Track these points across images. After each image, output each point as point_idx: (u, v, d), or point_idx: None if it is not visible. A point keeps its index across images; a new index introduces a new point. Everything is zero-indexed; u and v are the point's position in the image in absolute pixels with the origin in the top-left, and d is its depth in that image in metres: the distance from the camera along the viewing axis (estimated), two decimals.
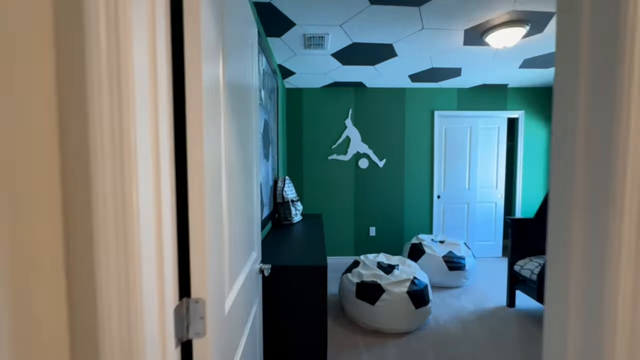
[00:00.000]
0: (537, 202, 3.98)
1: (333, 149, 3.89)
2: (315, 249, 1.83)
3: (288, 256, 1.67)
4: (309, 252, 1.76)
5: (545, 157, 3.95)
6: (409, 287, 2.29)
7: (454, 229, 4.02)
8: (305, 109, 3.86)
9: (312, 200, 3.92)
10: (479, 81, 3.60)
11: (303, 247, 1.85)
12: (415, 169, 3.93)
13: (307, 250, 1.80)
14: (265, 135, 2.12)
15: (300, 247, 1.85)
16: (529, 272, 2.45)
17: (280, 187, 2.55)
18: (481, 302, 2.81)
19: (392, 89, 3.86)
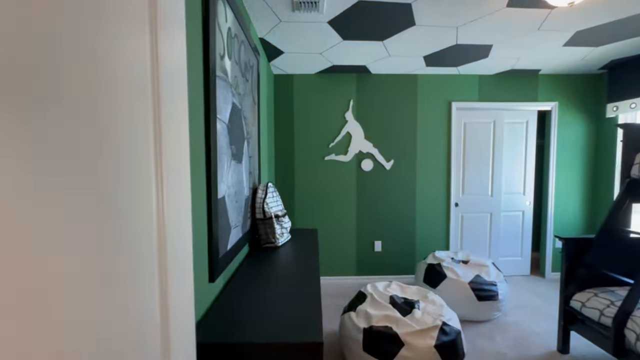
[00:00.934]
0: (572, 212, 3.36)
1: (331, 148, 3.24)
2: (305, 297, 1.18)
3: (258, 320, 1.02)
4: (295, 306, 1.11)
5: (583, 157, 3.33)
6: (438, 339, 1.65)
7: (474, 242, 3.39)
8: (297, 99, 3.21)
9: (305, 212, 3.27)
10: (507, 65, 2.97)
11: (286, 295, 1.20)
12: (429, 172, 3.29)
13: (293, 301, 1.15)
14: (234, 126, 1.48)
15: (282, 294, 1.20)
16: (597, 314, 1.81)
17: (260, 198, 1.90)
18: (522, 344, 2.17)
19: (401, 76, 3.22)
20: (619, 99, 3.00)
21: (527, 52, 2.60)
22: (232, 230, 1.44)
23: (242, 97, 1.66)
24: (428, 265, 2.74)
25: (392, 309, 1.89)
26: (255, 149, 2.05)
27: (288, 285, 1.30)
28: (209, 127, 1.11)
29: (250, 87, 1.89)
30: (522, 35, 2.25)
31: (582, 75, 3.27)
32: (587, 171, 3.34)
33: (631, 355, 1.63)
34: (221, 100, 1.27)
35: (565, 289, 2.03)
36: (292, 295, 1.19)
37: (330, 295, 2.99)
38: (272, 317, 1.03)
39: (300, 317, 1.03)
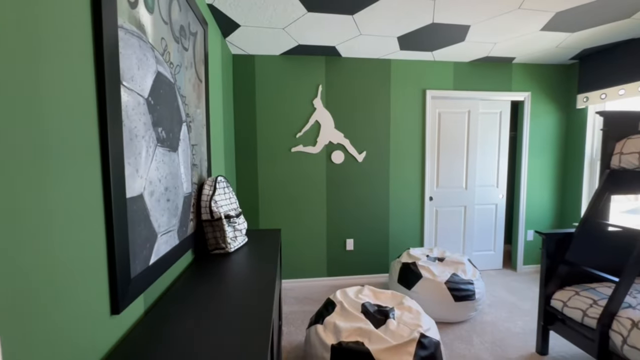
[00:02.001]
0: (543, 204, 3.33)
1: (298, 139, 2.94)
2: (250, 327, 0.89)
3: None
4: (233, 345, 0.82)
5: (553, 149, 3.30)
6: (415, 355, 1.43)
7: (448, 237, 3.27)
8: (260, 83, 2.87)
9: (270, 209, 2.96)
10: (483, 52, 2.82)
11: (226, 325, 0.90)
12: (403, 165, 3.10)
13: (233, 333, 0.86)
14: (162, 104, 1.14)
15: (222, 324, 0.91)
16: (580, 314, 1.69)
17: (207, 195, 1.57)
18: (501, 346, 2.04)
19: (374, 60, 2.98)
20: (589, 89, 2.97)
21: (504, 36, 2.45)
22: (159, 237, 1.11)
23: (176, 70, 1.32)
24: (403, 264, 2.55)
25: (364, 319, 1.65)
26: (201, 136, 1.71)
27: (233, 307, 1.00)
28: (104, 95, 0.78)
29: (191, 60, 1.54)
30: (502, 13, 2.08)
31: (554, 66, 3.22)
32: (558, 163, 3.32)
33: (615, 359, 1.51)
34: (133, 63, 0.93)
35: (545, 288, 1.90)
36: (233, 325, 0.90)
37: (298, 301, 2.72)
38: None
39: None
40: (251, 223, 2.94)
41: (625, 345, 1.46)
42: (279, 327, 1.76)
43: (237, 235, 1.66)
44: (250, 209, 2.93)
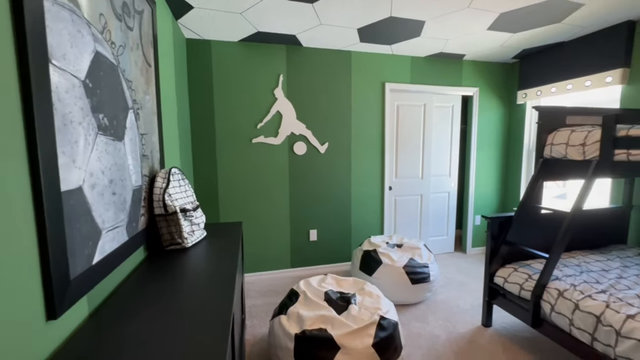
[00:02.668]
0: (489, 191, 3.64)
1: (259, 129, 2.87)
2: (205, 330, 0.86)
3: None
4: (188, 352, 0.78)
5: (498, 140, 3.60)
6: (375, 336, 1.50)
7: (406, 224, 3.44)
8: (218, 71, 2.73)
9: (231, 202, 2.87)
10: (437, 48, 2.97)
11: (180, 328, 0.86)
12: (364, 156, 3.18)
13: (187, 343, 0.82)
14: (102, 88, 1.03)
15: (173, 326, 0.86)
16: (518, 288, 1.89)
17: (159, 188, 1.47)
18: (452, 323, 2.22)
19: (335, 51, 2.98)
20: (527, 86, 3.27)
21: (455, 33, 2.59)
22: (104, 234, 1.02)
23: (119, 51, 1.20)
24: (364, 252, 2.64)
25: (327, 307, 1.68)
26: (152, 125, 1.59)
27: (190, 304, 0.96)
28: (28, 75, 0.68)
29: (137, 42, 1.41)
30: (454, 11, 2.19)
31: (499, 64, 3.49)
32: (501, 153, 3.64)
33: (546, 325, 1.72)
34: (64, 39, 0.82)
35: (490, 267, 2.09)
36: (190, 323, 0.86)
37: (261, 294, 2.69)
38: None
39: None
40: (211, 217, 2.83)
41: (553, 312, 1.67)
42: (242, 321, 1.73)
43: (195, 230, 1.59)
44: (209, 202, 2.82)
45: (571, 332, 1.57)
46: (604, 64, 2.54)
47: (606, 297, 1.54)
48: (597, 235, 2.37)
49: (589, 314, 1.49)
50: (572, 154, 1.84)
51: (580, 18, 2.32)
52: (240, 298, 1.77)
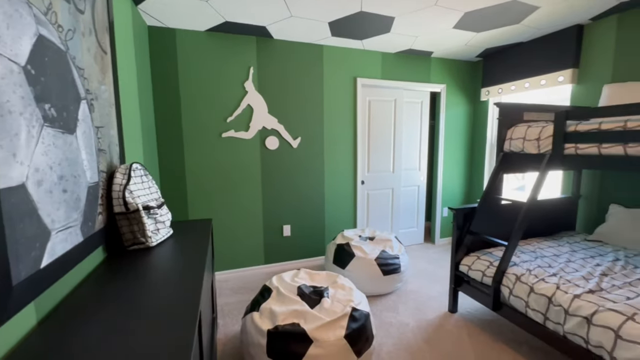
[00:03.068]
0: (456, 184, 3.81)
1: (230, 123, 2.78)
2: (169, 342, 0.83)
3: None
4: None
5: (463, 135, 3.77)
6: (348, 327, 1.52)
7: (379, 218, 3.52)
8: (183, 62, 2.60)
9: (201, 198, 2.77)
10: (407, 45, 3.03)
11: (143, 334, 0.82)
12: (336, 150, 3.19)
13: (149, 346, 0.78)
14: (48, 75, 0.94)
15: (139, 333, 0.82)
16: (480, 275, 2.00)
17: (119, 185, 1.38)
18: (422, 311, 2.31)
19: (307, 45, 2.95)
20: (490, 84, 3.44)
21: (424, 30, 2.66)
22: (53, 235, 0.94)
23: (68, 35, 1.10)
24: (337, 245, 2.67)
25: (300, 301, 1.68)
26: (109, 117, 1.48)
27: (153, 306, 0.91)
28: None
29: (90, 26, 1.30)
30: (422, 8, 2.24)
31: (464, 62, 3.64)
32: (467, 148, 3.82)
33: (505, 308, 1.84)
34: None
35: (455, 256, 2.20)
36: (153, 325, 0.82)
37: (234, 292, 2.64)
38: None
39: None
40: (179, 214, 2.72)
41: (511, 295, 1.79)
42: (212, 320, 1.69)
43: (160, 228, 1.51)
44: (177, 199, 2.70)
45: (527, 313, 1.69)
46: (556, 64, 2.73)
47: (557, 280, 1.67)
48: (550, 223, 2.57)
49: (542, 296, 1.62)
50: (528, 148, 1.96)
51: (536, 20, 2.47)
52: (211, 297, 1.72)
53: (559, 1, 2.15)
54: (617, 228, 2.25)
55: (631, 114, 1.46)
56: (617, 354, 1.28)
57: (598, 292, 1.54)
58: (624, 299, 1.45)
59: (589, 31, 2.54)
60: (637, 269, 1.79)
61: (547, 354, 1.81)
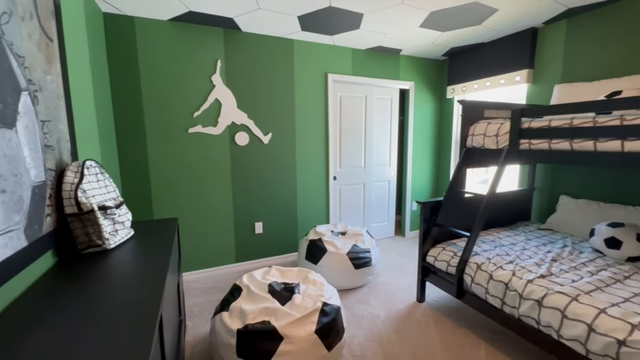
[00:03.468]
0: (424, 178, 3.95)
1: (196, 118, 2.68)
2: None
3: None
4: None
5: (431, 131, 3.90)
6: (318, 322, 1.53)
7: (351, 213, 3.57)
8: (144, 52, 2.46)
9: (165, 197, 2.65)
10: (376, 42, 3.07)
11: (95, 342, 0.77)
12: (308, 146, 3.18)
13: (101, 355, 0.73)
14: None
15: (90, 342, 0.77)
16: (445, 265, 2.10)
17: (71, 184, 1.28)
18: (392, 302, 2.38)
19: (277, 39, 2.90)
20: (455, 82, 3.59)
21: (392, 28, 2.71)
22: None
23: (3, 19, 0.99)
24: (310, 241, 2.68)
25: (271, 299, 1.67)
26: (57, 111, 1.36)
27: (108, 312, 0.86)
28: None
29: (31, 10, 1.18)
30: (389, 6, 2.27)
31: (431, 60, 3.75)
32: (434, 143, 3.96)
33: (468, 295, 1.95)
34: None
35: (423, 247, 2.28)
36: (108, 333, 0.77)
37: (204, 292, 2.57)
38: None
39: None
40: (143, 214, 2.59)
41: (473, 283, 1.89)
42: (179, 322, 1.63)
43: (118, 229, 1.43)
44: (141, 199, 2.57)
45: (487, 299, 1.80)
46: (514, 64, 2.90)
47: (513, 267, 1.79)
48: (508, 214, 2.74)
49: (499, 282, 1.72)
50: (488, 144, 2.07)
51: (495, 22, 2.60)
52: (177, 298, 1.66)
53: (515, 5, 2.28)
54: (565, 217, 2.45)
55: (577, 112, 1.59)
56: (563, 332, 1.40)
57: (548, 276, 1.67)
58: (569, 282, 1.58)
59: (542, 34, 2.72)
60: (581, 254, 1.96)
61: (505, 336, 1.94)
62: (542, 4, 2.27)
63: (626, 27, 2.19)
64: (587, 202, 2.38)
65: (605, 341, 1.25)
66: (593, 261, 1.85)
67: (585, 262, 1.83)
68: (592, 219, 2.28)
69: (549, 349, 1.48)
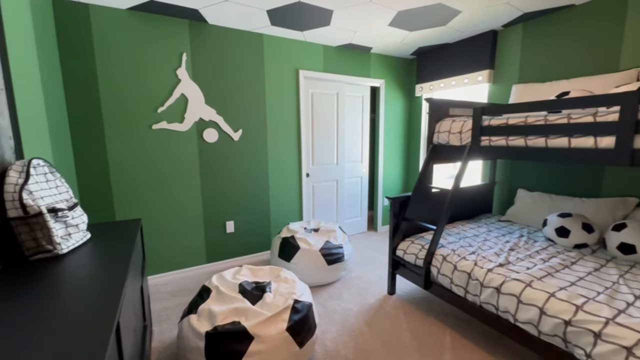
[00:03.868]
0: (395, 174, 4.05)
1: (161, 114, 2.55)
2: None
3: None
4: None
5: (401, 128, 4.01)
6: (289, 320, 1.53)
7: (324, 209, 3.59)
8: (101, 43, 2.30)
9: (129, 197, 2.51)
10: (347, 39, 3.09)
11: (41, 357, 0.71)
12: (280, 143, 3.15)
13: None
14: None
15: (36, 357, 0.71)
16: (414, 257, 2.17)
17: (14, 185, 1.17)
18: (364, 296, 2.43)
19: (246, 33, 2.82)
20: (423, 81, 3.71)
21: (362, 26, 2.74)
22: None
23: None
24: (282, 239, 2.66)
25: (241, 299, 1.64)
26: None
27: (57, 323, 0.80)
28: None
29: None
30: (359, 4, 2.29)
31: (401, 58, 3.84)
32: (404, 140, 4.08)
33: (434, 286, 2.03)
34: None
35: (393, 241, 2.35)
36: (55, 347, 0.72)
37: (173, 295, 2.47)
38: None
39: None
40: (104, 215, 2.44)
41: (439, 274, 1.97)
42: (143, 329, 1.56)
43: (72, 233, 1.33)
44: (100, 199, 2.41)
45: (452, 289, 1.89)
46: (476, 65, 3.04)
47: (475, 257, 1.89)
48: (472, 207, 2.89)
49: (463, 272, 1.81)
50: (452, 140, 2.16)
51: (459, 23, 2.71)
52: (141, 304, 1.58)
53: (476, 7, 2.38)
54: (522, 209, 2.63)
55: (530, 111, 1.69)
56: (519, 315, 1.50)
57: (506, 265, 1.78)
58: (524, 270, 1.70)
59: (502, 37, 2.87)
60: (536, 243, 2.11)
61: (469, 322, 2.05)
62: (500, 8, 2.39)
63: (575, 32, 2.37)
64: (541, 195, 2.56)
65: (554, 322, 1.36)
66: (545, 249, 2.00)
67: (539, 250, 1.97)
68: (545, 210, 2.46)
69: (506, 332, 1.58)
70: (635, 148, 1.31)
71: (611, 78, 2.11)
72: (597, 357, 1.21)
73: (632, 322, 1.20)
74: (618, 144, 1.34)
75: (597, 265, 1.74)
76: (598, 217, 2.14)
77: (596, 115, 1.41)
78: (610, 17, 2.18)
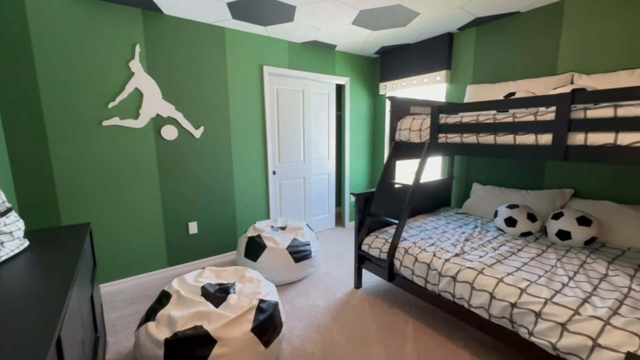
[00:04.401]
0: (361, 171, 4.14)
1: (112, 109, 2.37)
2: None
3: None
4: None
5: (366, 126, 4.10)
6: (254, 320, 1.51)
7: (292, 207, 3.58)
8: (39, 31, 2.07)
9: (76, 200, 2.31)
10: (311, 36, 3.08)
11: None
12: (245, 140, 3.07)
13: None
14: None
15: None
16: (378, 252, 2.24)
17: None
18: (332, 291, 2.46)
19: (206, 26, 2.71)
20: (386, 79, 3.81)
21: (326, 24, 2.74)
22: None
23: None
24: (249, 238, 2.61)
25: (204, 302, 1.58)
26: None
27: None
28: None
29: None
30: (321, 0, 2.29)
31: (365, 57, 3.92)
32: (369, 137, 4.17)
33: (398, 278, 2.11)
34: None
35: (358, 236, 2.40)
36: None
37: (130, 302, 2.33)
38: None
39: None
40: (48, 221, 2.22)
41: (401, 266, 2.05)
42: (95, 340, 1.45)
43: (5, 241, 1.20)
44: (43, 203, 2.19)
45: (413, 280, 1.97)
46: (435, 65, 3.19)
47: (434, 249, 1.99)
48: (432, 201, 3.04)
49: (423, 263, 1.90)
50: (413, 138, 2.25)
51: (418, 25, 2.81)
52: (91, 314, 1.47)
53: (433, 10, 2.49)
54: (477, 202, 2.81)
55: (481, 110, 1.81)
56: (473, 301, 1.61)
57: (461, 254, 1.89)
58: (477, 258, 1.82)
59: (457, 39, 3.03)
60: (488, 233, 2.27)
61: (430, 311, 2.16)
62: (455, 11, 2.52)
63: (520, 37, 2.57)
64: (493, 188, 2.76)
65: (502, 305, 1.47)
66: (496, 238, 2.16)
67: (490, 240, 2.13)
68: (496, 202, 2.65)
69: (462, 317, 1.69)
70: (569, 144, 1.45)
71: (551, 80, 2.31)
72: (537, 334, 1.33)
73: (565, 300, 1.34)
74: (554, 140, 1.48)
75: (539, 251, 1.91)
76: (540, 207, 2.35)
77: (537, 115, 1.55)
78: (549, 24, 2.39)
